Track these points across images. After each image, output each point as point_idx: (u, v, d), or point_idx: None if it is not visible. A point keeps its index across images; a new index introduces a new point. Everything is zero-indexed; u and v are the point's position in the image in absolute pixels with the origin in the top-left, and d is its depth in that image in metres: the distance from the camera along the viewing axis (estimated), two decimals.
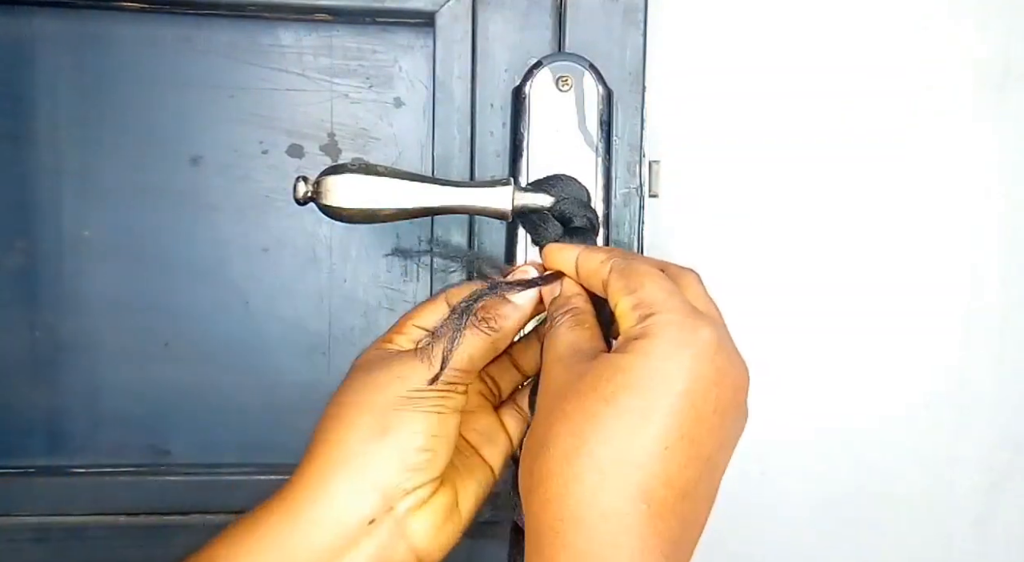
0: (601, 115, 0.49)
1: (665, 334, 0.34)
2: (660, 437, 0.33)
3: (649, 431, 0.33)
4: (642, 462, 0.32)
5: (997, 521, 0.64)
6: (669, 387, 0.33)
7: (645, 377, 0.33)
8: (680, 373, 0.33)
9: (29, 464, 0.55)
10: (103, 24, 0.53)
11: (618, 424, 0.33)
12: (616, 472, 0.32)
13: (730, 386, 0.35)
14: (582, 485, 0.33)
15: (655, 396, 0.33)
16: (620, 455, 0.32)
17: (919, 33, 0.59)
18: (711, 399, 0.34)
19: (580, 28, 0.52)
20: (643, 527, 0.32)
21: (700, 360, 0.34)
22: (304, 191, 0.43)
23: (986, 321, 0.62)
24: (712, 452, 0.34)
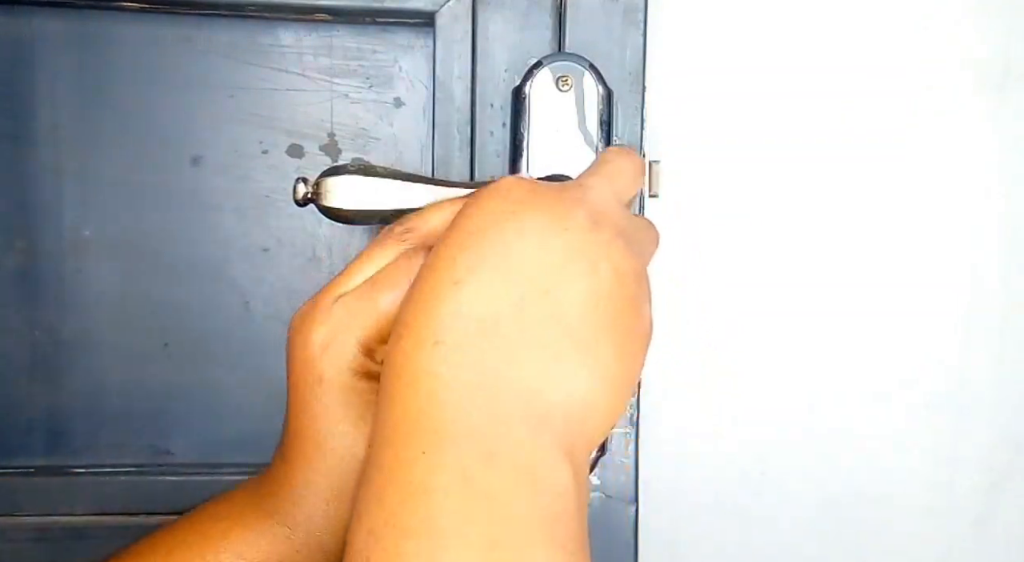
0: (601, 115, 0.49)
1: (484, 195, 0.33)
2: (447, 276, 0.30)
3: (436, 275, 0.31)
4: (429, 306, 0.30)
5: (997, 521, 0.64)
6: (457, 231, 0.31)
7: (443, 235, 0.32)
8: (471, 215, 0.32)
9: (29, 464, 0.55)
10: (103, 24, 0.53)
11: (416, 283, 0.31)
12: (410, 321, 0.30)
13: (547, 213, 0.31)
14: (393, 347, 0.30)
15: (447, 244, 0.31)
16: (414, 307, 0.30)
17: (919, 33, 0.59)
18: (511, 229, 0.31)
19: (580, 28, 0.52)
20: (436, 364, 0.29)
21: (493, 198, 0.32)
22: (304, 192, 0.43)
23: (986, 321, 0.62)
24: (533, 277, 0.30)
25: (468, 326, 0.29)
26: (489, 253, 0.31)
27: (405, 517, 0.26)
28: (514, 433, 0.28)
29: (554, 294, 0.30)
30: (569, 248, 0.31)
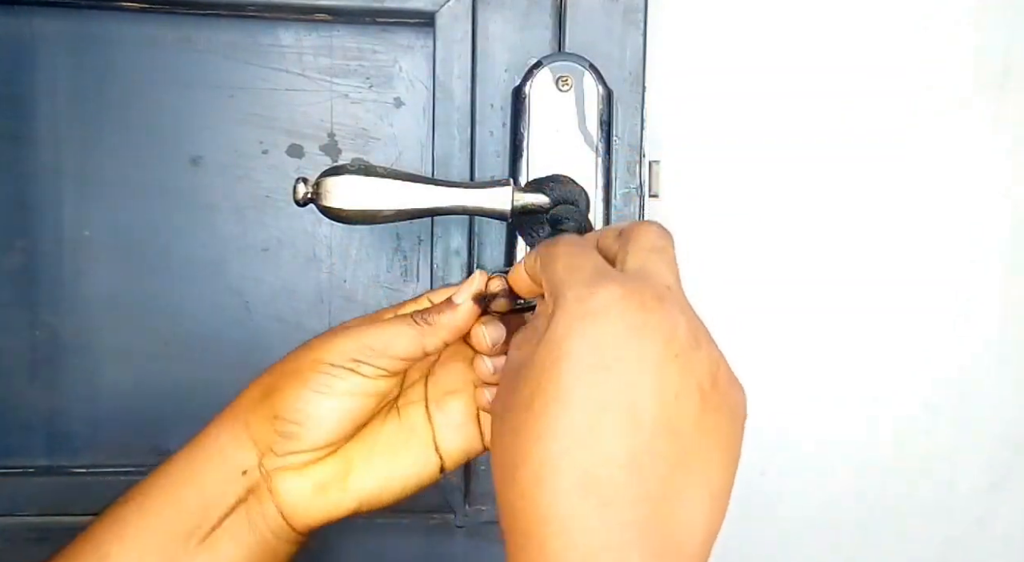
0: (601, 115, 0.49)
1: (563, 313, 0.31)
2: (580, 418, 0.29)
3: (566, 416, 0.30)
4: (567, 451, 0.29)
5: (997, 521, 0.64)
6: (573, 363, 0.30)
7: (549, 364, 0.31)
8: (581, 345, 0.30)
9: (29, 464, 0.55)
10: (103, 24, 0.53)
11: (539, 423, 0.30)
12: (549, 472, 0.29)
13: (658, 337, 0.31)
14: (528, 499, 0.30)
15: (562, 378, 0.30)
16: (548, 453, 0.29)
17: (919, 33, 0.59)
18: (632, 358, 0.30)
19: (580, 28, 0.52)
20: (592, 521, 0.29)
21: (602, 324, 0.30)
22: (304, 192, 0.43)
23: (986, 321, 0.62)
24: (659, 412, 0.30)
25: (614, 475, 0.29)
26: (618, 389, 0.30)
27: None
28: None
29: (674, 426, 0.30)
30: (682, 374, 0.31)
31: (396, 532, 0.54)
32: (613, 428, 0.29)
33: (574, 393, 0.30)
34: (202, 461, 0.41)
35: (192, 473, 0.41)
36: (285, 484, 0.41)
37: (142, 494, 0.41)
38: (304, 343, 0.42)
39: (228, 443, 0.41)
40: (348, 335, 0.41)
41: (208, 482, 0.41)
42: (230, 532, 0.40)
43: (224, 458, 0.41)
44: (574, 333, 0.31)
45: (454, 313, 0.41)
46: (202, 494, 0.40)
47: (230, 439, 0.41)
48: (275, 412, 0.40)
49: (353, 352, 0.40)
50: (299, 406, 0.40)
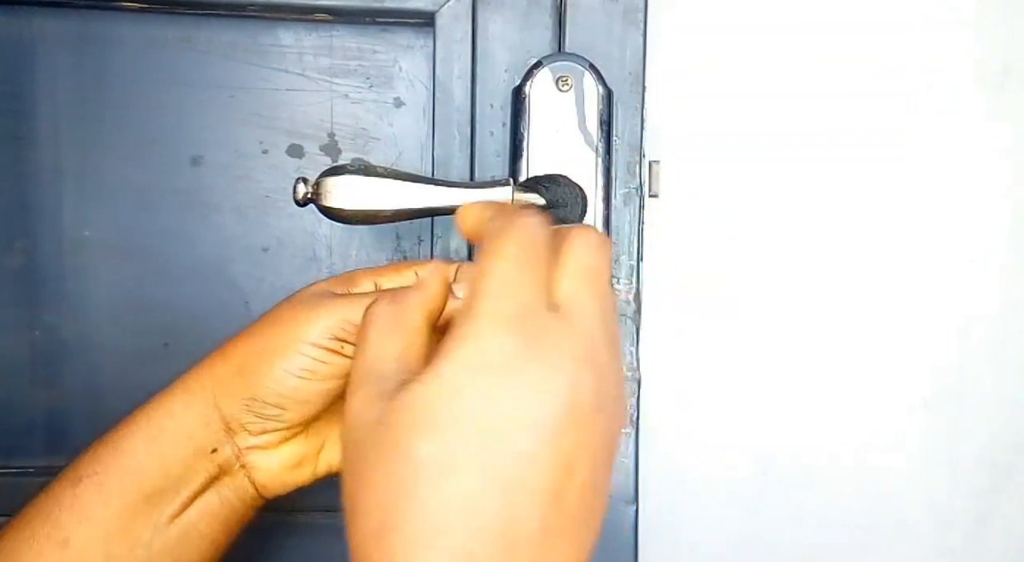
0: (601, 115, 0.49)
1: (461, 356, 0.28)
2: (464, 487, 0.26)
3: (450, 485, 0.27)
4: (446, 524, 0.26)
5: (997, 521, 0.64)
6: (463, 424, 0.27)
7: (437, 418, 0.27)
8: (475, 403, 0.27)
9: (29, 464, 0.55)
10: (103, 24, 0.53)
11: (418, 490, 0.27)
12: (423, 545, 0.26)
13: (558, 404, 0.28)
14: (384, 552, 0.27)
15: (450, 439, 0.27)
16: (425, 525, 0.26)
17: (919, 33, 0.59)
18: (526, 426, 0.27)
19: (580, 28, 0.52)
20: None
21: (501, 384, 0.27)
22: (304, 192, 0.43)
23: (986, 321, 0.62)
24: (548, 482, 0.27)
25: (492, 550, 0.26)
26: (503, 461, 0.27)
27: None
28: None
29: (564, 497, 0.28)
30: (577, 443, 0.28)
31: None
32: (497, 501, 0.27)
33: (460, 459, 0.27)
34: (168, 441, 0.40)
35: (156, 452, 0.40)
36: (258, 461, 0.40)
37: (99, 472, 0.40)
38: (275, 311, 0.41)
39: (195, 422, 0.40)
40: (327, 309, 0.39)
41: (175, 461, 0.39)
42: (200, 509, 0.40)
43: (192, 437, 0.40)
44: (469, 388, 0.27)
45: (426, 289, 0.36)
46: (169, 474, 0.39)
47: (198, 418, 0.40)
48: (252, 393, 0.39)
49: (334, 329, 0.38)
50: (280, 390, 0.39)
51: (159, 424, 0.40)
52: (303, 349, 0.39)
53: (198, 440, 0.40)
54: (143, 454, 0.40)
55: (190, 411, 0.40)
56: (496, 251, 0.30)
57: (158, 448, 0.40)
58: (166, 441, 0.40)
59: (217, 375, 0.40)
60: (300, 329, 0.39)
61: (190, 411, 0.40)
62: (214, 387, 0.40)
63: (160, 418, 0.40)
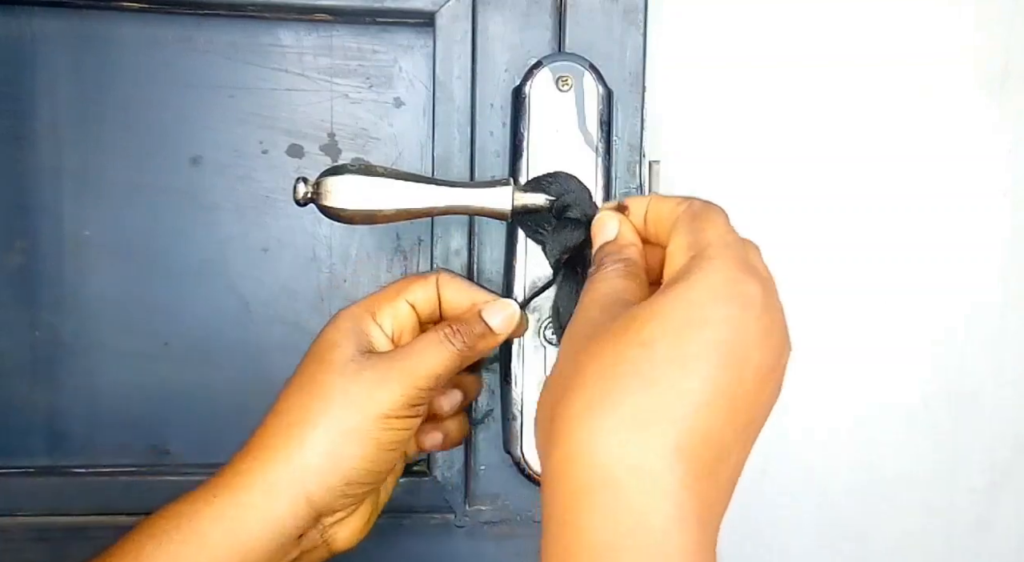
0: (601, 115, 0.49)
1: (711, 279, 0.32)
2: (701, 390, 0.29)
3: (690, 383, 0.29)
4: (680, 416, 0.29)
5: (997, 521, 0.64)
6: (713, 337, 0.30)
7: (687, 322, 0.30)
8: (725, 324, 0.30)
9: (29, 464, 0.55)
10: (103, 24, 0.53)
11: (655, 371, 0.29)
12: (652, 425, 0.29)
13: (772, 351, 0.32)
14: (612, 438, 0.29)
15: (698, 345, 0.30)
16: (656, 406, 0.29)
17: (919, 33, 0.59)
18: (753, 360, 0.31)
19: (580, 28, 0.52)
20: (680, 490, 0.28)
21: (746, 315, 0.31)
22: (304, 192, 0.43)
23: (986, 321, 0.62)
24: (749, 418, 0.31)
25: (709, 455, 0.30)
26: (734, 383, 0.30)
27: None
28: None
29: (754, 431, 0.33)
30: (777, 384, 0.33)
31: (396, 532, 0.54)
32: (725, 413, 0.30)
33: (703, 367, 0.30)
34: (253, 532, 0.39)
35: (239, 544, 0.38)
36: (339, 532, 0.41)
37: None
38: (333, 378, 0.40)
39: (286, 515, 0.39)
40: (398, 383, 0.39)
41: (258, 550, 0.39)
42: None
43: (282, 530, 0.39)
44: (720, 311, 0.31)
45: (494, 338, 0.43)
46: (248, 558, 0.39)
47: (288, 511, 0.39)
48: (347, 479, 0.39)
49: (412, 399, 0.39)
50: (373, 468, 0.39)
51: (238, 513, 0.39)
52: (389, 424, 0.39)
53: (288, 531, 0.39)
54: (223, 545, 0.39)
55: (279, 504, 0.39)
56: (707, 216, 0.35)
57: (239, 537, 0.39)
58: (252, 532, 0.39)
59: (308, 466, 0.39)
60: (379, 406, 0.39)
61: (279, 504, 0.39)
62: (305, 480, 0.39)
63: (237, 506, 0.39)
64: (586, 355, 0.32)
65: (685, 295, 0.31)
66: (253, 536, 0.38)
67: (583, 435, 0.29)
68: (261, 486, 0.39)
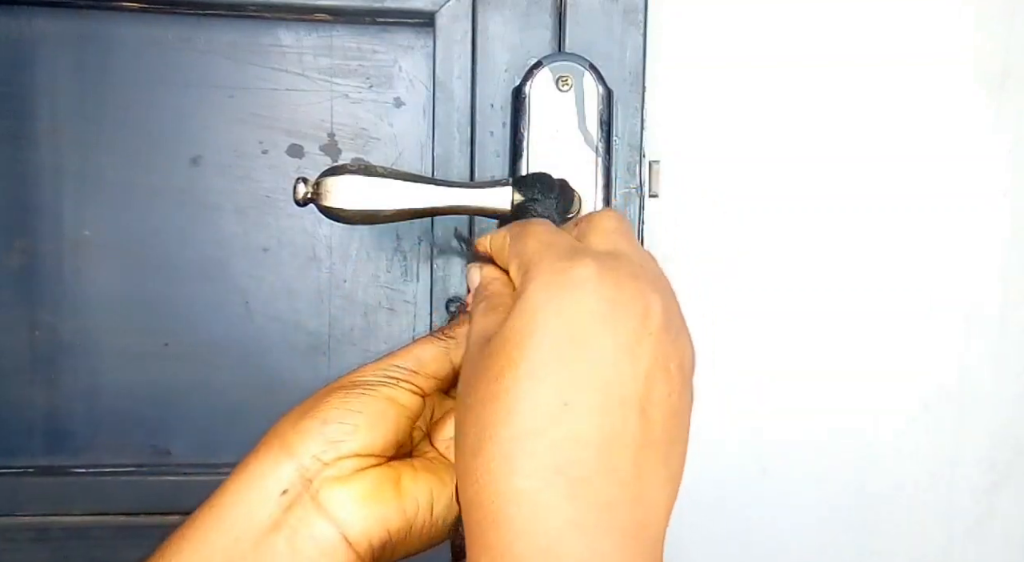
0: (601, 115, 0.49)
1: (536, 285, 0.31)
2: (553, 394, 0.29)
3: (539, 392, 0.29)
4: (540, 428, 0.28)
5: (997, 521, 0.64)
6: (547, 337, 0.29)
7: (521, 337, 0.30)
8: (556, 319, 0.30)
9: (29, 464, 0.55)
10: (103, 24, 0.53)
11: (509, 397, 0.29)
12: (519, 449, 0.28)
13: (633, 315, 0.30)
14: (493, 476, 0.29)
15: (535, 352, 0.29)
16: (519, 429, 0.28)
17: (919, 33, 0.59)
18: (607, 335, 0.30)
19: (580, 28, 0.52)
20: (562, 500, 0.28)
21: (577, 298, 0.30)
22: (304, 192, 0.43)
23: (986, 321, 0.62)
24: (631, 392, 0.30)
25: (586, 456, 0.28)
26: (590, 369, 0.29)
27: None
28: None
29: (644, 410, 0.30)
30: (655, 354, 0.30)
31: None
32: (586, 407, 0.29)
33: (547, 368, 0.29)
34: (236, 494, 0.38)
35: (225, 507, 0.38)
36: (335, 494, 0.38)
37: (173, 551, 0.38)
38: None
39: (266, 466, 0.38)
40: (376, 362, 0.40)
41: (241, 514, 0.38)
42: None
43: (262, 482, 0.38)
44: (549, 306, 0.30)
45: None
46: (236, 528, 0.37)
47: (268, 461, 0.38)
48: (321, 420, 0.38)
49: (386, 370, 0.40)
50: (346, 406, 0.39)
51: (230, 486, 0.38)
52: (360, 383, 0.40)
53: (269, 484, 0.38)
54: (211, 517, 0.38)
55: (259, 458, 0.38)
56: (526, 233, 0.34)
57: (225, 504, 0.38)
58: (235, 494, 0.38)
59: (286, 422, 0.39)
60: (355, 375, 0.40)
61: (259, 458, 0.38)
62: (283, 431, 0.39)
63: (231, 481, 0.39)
64: (462, 407, 0.32)
65: (520, 311, 0.31)
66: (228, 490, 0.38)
67: (474, 483, 0.29)
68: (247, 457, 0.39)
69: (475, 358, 0.32)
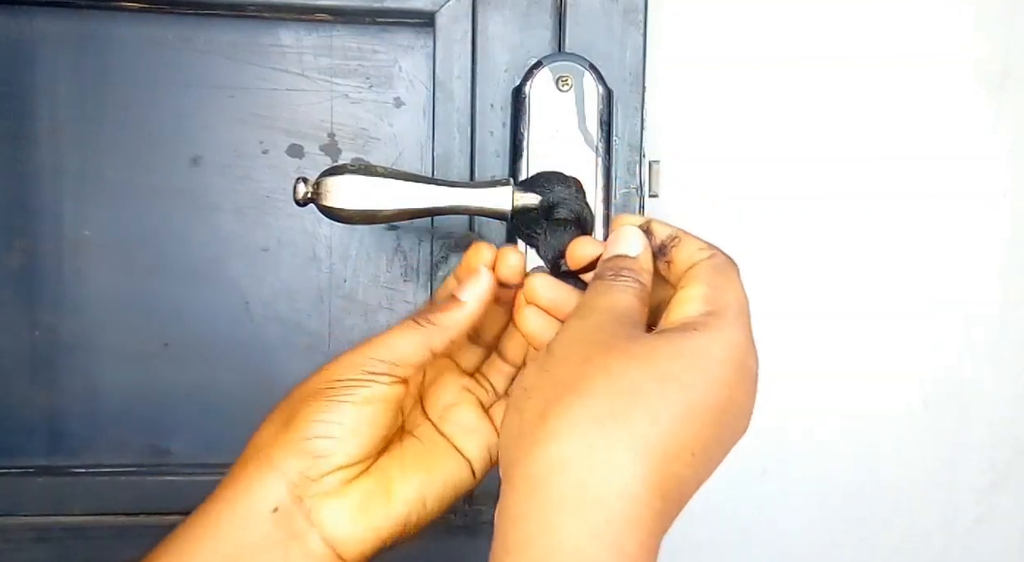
0: (601, 115, 0.49)
1: (729, 341, 0.35)
2: (697, 435, 0.32)
3: (691, 428, 0.32)
4: (674, 455, 0.32)
5: (997, 521, 0.64)
6: (716, 397, 0.33)
7: (702, 374, 0.33)
8: (727, 389, 0.34)
9: (29, 464, 0.55)
10: (103, 24, 0.53)
11: (665, 410, 0.32)
12: (650, 458, 0.31)
13: (747, 413, 0.35)
14: (611, 459, 0.31)
15: (704, 398, 0.33)
16: (659, 441, 0.31)
17: (919, 33, 0.59)
18: (734, 425, 0.35)
19: (580, 28, 0.52)
20: (652, 521, 0.31)
21: (743, 385, 0.35)
22: (304, 192, 0.43)
23: (986, 321, 0.62)
24: (721, 454, 0.35)
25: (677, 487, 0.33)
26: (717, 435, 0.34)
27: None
28: None
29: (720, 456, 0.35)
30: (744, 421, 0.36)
31: None
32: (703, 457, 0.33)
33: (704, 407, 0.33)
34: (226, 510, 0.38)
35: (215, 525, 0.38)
36: (326, 511, 0.38)
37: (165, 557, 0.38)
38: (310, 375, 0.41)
39: (254, 482, 0.38)
40: (354, 351, 0.40)
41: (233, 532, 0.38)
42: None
43: (251, 499, 0.38)
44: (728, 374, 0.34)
45: (460, 310, 0.40)
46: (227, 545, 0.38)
47: (256, 478, 0.38)
48: (303, 434, 0.38)
49: (363, 364, 0.39)
50: (327, 418, 0.38)
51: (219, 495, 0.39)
52: (336, 384, 0.39)
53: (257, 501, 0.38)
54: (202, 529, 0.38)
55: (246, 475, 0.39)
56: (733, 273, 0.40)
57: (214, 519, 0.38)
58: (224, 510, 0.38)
59: (267, 433, 0.40)
60: (331, 370, 0.40)
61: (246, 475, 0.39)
62: (267, 444, 0.39)
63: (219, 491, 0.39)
64: (594, 367, 0.33)
65: (706, 349, 0.34)
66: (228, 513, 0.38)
67: (579, 446, 0.31)
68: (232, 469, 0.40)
69: (621, 324, 0.35)
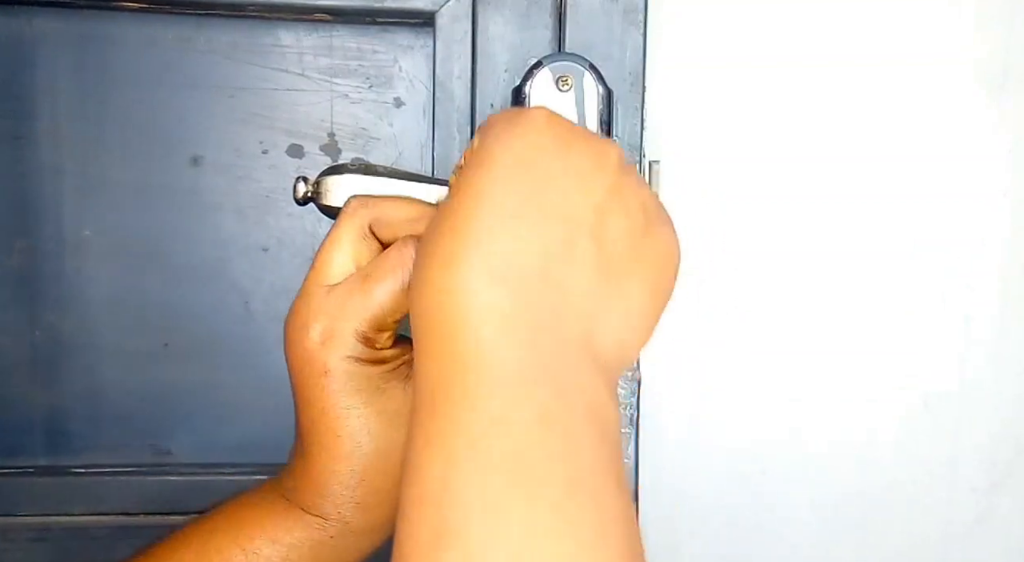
0: (601, 115, 0.49)
1: (489, 128, 0.32)
2: (497, 209, 0.29)
3: (483, 208, 0.29)
4: (483, 240, 0.29)
5: (997, 521, 0.63)
6: (496, 164, 0.30)
7: (472, 170, 0.31)
8: (506, 151, 0.31)
9: (29, 464, 0.55)
10: (103, 24, 0.53)
11: (455, 217, 0.30)
12: (463, 258, 0.29)
13: (586, 154, 0.31)
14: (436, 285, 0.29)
15: (484, 179, 0.30)
16: (463, 242, 0.29)
17: (919, 33, 0.59)
18: (556, 163, 0.31)
19: (580, 28, 0.52)
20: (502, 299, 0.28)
21: (529, 132, 0.31)
22: (304, 191, 0.43)
23: (986, 321, 0.62)
24: (580, 216, 0.30)
25: (529, 263, 0.29)
26: (538, 189, 0.30)
27: (486, 447, 0.25)
28: (580, 374, 0.28)
29: (596, 235, 0.30)
30: (607, 188, 0.31)
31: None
32: (529, 220, 0.29)
33: (495, 187, 0.30)
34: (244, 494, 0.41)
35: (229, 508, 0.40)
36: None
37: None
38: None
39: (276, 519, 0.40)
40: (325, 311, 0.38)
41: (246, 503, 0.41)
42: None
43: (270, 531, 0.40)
44: (500, 141, 0.31)
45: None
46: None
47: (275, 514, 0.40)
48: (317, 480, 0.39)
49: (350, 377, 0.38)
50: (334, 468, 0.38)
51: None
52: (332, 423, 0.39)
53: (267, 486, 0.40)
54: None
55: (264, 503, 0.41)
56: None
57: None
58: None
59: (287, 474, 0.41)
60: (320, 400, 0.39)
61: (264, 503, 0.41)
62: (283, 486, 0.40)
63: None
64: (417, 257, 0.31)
65: (473, 152, 0.32)
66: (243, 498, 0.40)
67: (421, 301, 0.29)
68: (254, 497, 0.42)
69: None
